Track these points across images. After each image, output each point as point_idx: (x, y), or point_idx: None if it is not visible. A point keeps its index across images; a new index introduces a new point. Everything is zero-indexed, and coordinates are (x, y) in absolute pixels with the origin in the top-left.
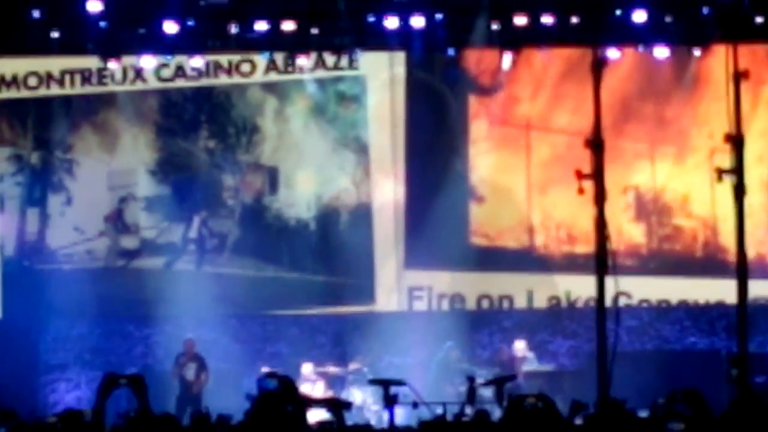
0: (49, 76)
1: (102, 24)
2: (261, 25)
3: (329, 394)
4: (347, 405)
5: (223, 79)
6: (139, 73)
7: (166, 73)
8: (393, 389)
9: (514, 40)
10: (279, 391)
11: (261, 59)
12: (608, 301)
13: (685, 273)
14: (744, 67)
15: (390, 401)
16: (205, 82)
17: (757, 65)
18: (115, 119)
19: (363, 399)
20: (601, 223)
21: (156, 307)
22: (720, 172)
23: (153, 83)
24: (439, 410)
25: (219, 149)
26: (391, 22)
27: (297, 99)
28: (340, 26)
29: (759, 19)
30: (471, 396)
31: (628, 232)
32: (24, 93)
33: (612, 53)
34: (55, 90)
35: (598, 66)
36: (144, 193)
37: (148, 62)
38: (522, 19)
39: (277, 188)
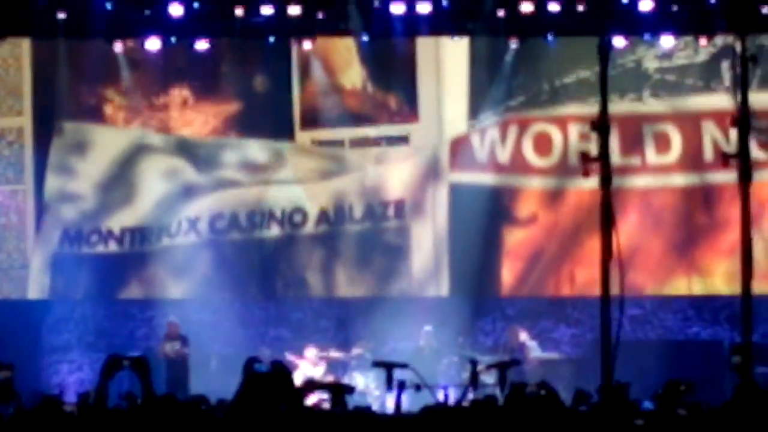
0: (110, 233)
1: (107, 5)
2: (267, 9)
3: (331, 378)
4: (350, 389)
5: (274, 231)
6: (193, 225)
7: (221, 224)
8: (399, 374)
9: (519, 28)
10: (269, 375)
11: (311, 208)
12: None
13: None
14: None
15: (399, 385)
16: (257, 234)
17: None
18: (163, 272)
19: (365, 384)
20: (606, 209)
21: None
22: None
23: (206, 236)
24: (441, 395)
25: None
26: (398, 8)
27: (343, 249)
28: (346, 11)
29: (765, 10)
30: (474, 380)
31: None
32: (84, 249)
33: (618, 41)
34: (112, 247)
35: (604, 50)
36: None
37: (153, 44)
38: (528, 6)
39: None
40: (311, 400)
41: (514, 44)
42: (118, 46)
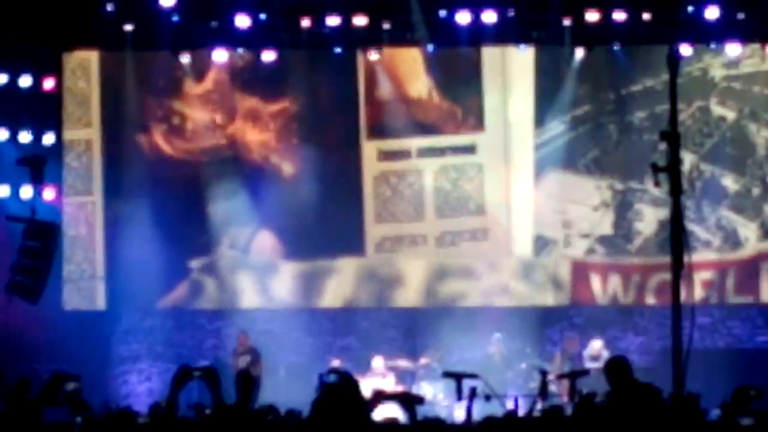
0: None
1: (174, 18)
2: (333, 20)
3: (399, 388)
4: (420, 399)
5: None
6: None
7: None
8: (469, 383)
9: (585, 37)
10: (339, 386)
11: None
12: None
13: None
14: None
15: (470, 395)
16: None
17: None
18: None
19: (433, 394)
20: (677, 217)
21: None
22: None
23: None
24: (511, 404)
25: None
26: (463, 17)
27: None
28: (412, 21)
29: None
30: (543, 390)
31: None
32: None
33: (684, 50)
34: None
35: (674, 59)
36: None
37: (219, 56)
38: (594, 15)
39: None
40: (381, 412)
41: (579, 53)
42: (185, 58)
